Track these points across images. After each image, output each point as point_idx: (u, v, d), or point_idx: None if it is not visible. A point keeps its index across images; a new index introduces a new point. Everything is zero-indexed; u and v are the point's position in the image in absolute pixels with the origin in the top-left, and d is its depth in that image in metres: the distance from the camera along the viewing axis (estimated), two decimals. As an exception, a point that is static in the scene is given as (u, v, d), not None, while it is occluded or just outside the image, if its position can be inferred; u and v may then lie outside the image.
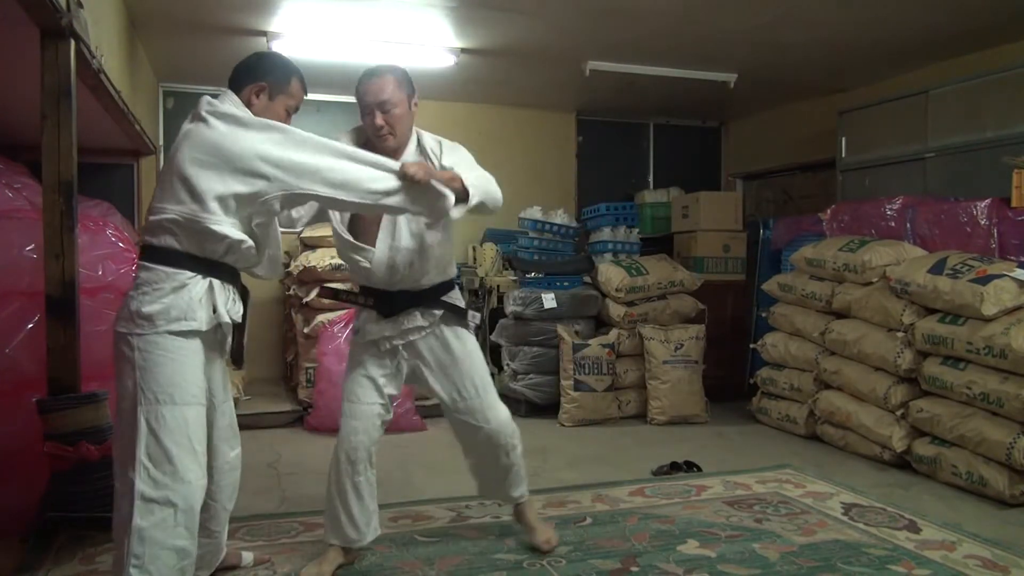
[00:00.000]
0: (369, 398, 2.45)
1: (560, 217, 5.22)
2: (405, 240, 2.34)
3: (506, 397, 5.08)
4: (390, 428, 4.05)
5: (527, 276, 5.06)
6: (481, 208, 2.25)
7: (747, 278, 5.68)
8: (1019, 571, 2.47)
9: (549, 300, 4.87)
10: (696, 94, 6.01)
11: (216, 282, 1.99)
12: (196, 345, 1.96)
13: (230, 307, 2.04)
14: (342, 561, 2.49)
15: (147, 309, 1.91)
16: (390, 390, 2.49)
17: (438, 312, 2.46)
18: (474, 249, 5.98)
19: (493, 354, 5.35)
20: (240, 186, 1.94)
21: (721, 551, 2.65)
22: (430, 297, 2.45)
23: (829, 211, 4.74)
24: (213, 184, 1.92)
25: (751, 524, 2.92)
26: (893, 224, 4.28)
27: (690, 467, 3.68)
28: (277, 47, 4.64)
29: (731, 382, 5.52)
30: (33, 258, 2.85)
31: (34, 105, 2.73)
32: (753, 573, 2.47)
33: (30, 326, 2.83)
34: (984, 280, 3.37)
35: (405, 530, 2.86)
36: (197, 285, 1.96)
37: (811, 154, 6.09)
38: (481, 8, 4.15)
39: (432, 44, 4.81)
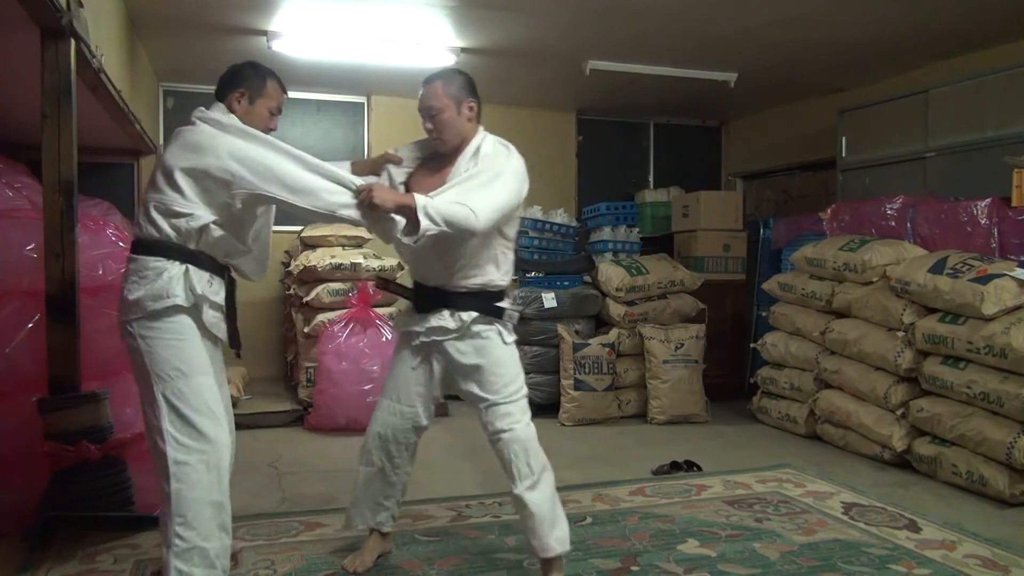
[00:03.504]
0: (393, 395, 2.48)
1: (560, 216, 5.22)
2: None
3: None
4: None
5: (527, 275, 5.06)
6: (443, 234, 2.15)
7: (747, 277, 5.68)
8: (1019, 570, 2.47)
9: (549, 299, 4.88)
10: (696, 93, 6.01)
11: (192, 267, 2.14)
12: (187, 322, 2.12)
13: (207, 289, 2.16)
14: (383, 549, 2.58)
15: (132, 296, 2.09)
16: (419, 388, 2.45)
17: (467, 317, 2.34)
18: (474, 249, 5.97)
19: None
20: (210, 178, 2.11)
21: (721, 550, 2.65)
22: (465, 300, 2.34)
23: (829, 210, 4.74)
24: (188, 174, 2.11)
25: (751, 523, 2.92)
26: (893, 223, 4.28)
27: (690, 466, 3.68)
28: (277, 47, 4.64)
29: (731, 382, 5.52)
30: (33, 257, 2.85)
31: (34, 105, 2.73)
32: (753, 572, 2.47)
33: (30, 326, 2.83)
34: (984, 279, 3.37)
35: (405, 529, 2.86)
36: (173, 268, 2.11)
37: (811, 154, 6.09)
38: (481, 8, 4.15)
39: (432, 44, 4.81)
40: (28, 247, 2.89)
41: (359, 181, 2.20)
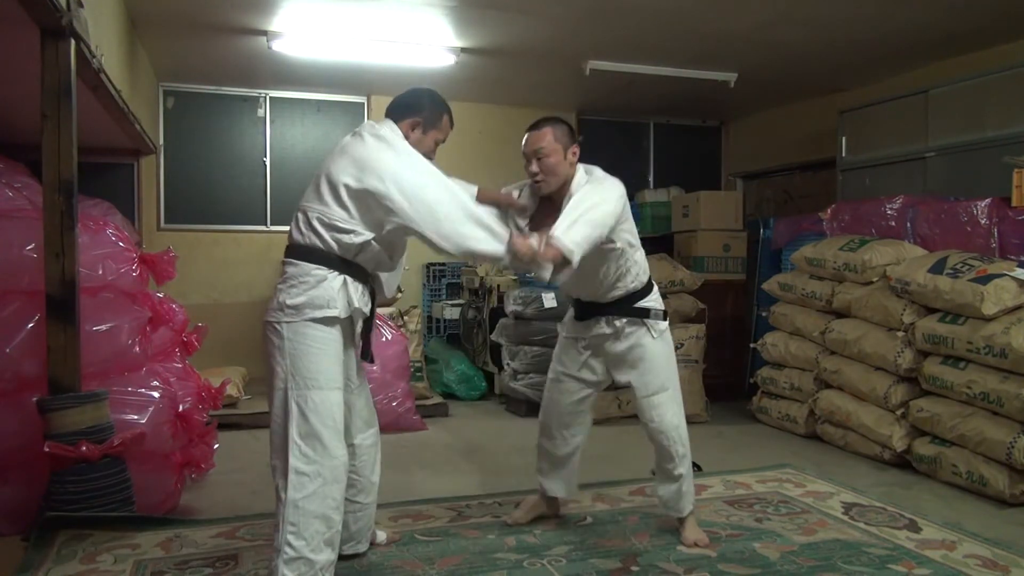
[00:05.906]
0: (563, 380, 2.82)
1: (560, 217, 5.21)
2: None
3: (506, 396, 5.11)
4: (390, 428, 4.07)
5: (528, 276, 5.05)
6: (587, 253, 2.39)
7: (747, 278, 5.68)
8: (1019, 570, 2.47)
9: (549, 299, 4.87)
10: (696, 93, 6.01)
11: (349, 278, 2.21)
12: (336, 333, 2.19)
13: (360, 300, 2.24)
14: (543, 511, 2.92)
15: (293, 301, 2.14)
16: (585, 375, 2.80)
17: (619, 322, 2.68)
18: (474, 249, 5.97)
19: (493, 354, 5.36)
20: (372, 199, 2.15)
21: (721, 550, 2.65)
22: (616, 308, 2.67)
23: (829, 210, 4.74)
24: (352, 191, 2.16)
25: (751, 523, 2.92)
26: (893, 223, 4.28)
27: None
28: (277, 47, 4.65)
29: (731, 382, 5.52)
30: (33, 257, 2.85)
31: (34, 105, 2.73)
32: (753, 572, 2.47)
33: (30, 326, 2.83)
34: (984, 279, 3.37)
35: (405, 529, 2.86)
36: (334, 278, 2.17)
37: (811, 154, 6.10)
38: (481, 8, 4.15)
39: (432, 44, 4.81)
40: (28, 247, 2.89)
41: (502, 229, 2.26)
